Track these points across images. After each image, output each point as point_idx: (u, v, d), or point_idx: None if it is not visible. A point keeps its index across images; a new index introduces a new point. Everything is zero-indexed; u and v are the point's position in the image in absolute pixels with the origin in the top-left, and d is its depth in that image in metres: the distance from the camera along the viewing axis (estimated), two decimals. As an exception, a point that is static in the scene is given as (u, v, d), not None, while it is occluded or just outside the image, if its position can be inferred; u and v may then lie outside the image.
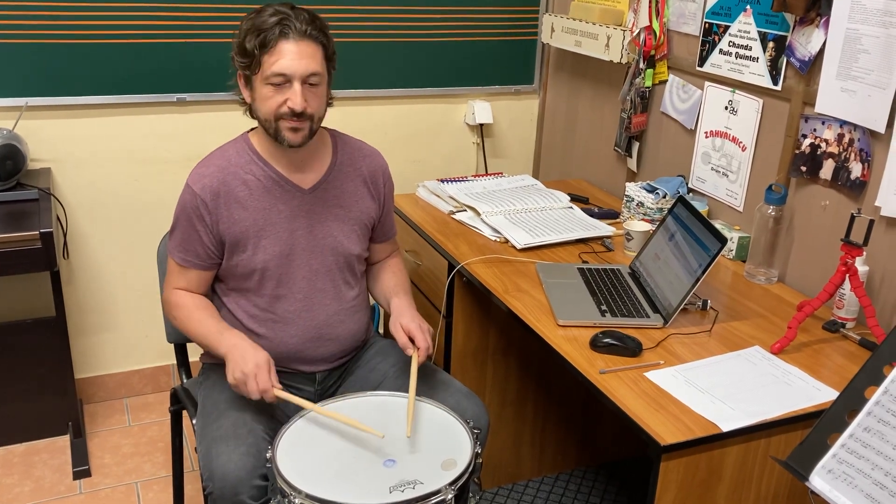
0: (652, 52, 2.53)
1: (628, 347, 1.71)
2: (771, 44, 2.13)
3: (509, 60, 3.14)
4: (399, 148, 3.08)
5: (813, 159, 2.04)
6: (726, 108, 2.31)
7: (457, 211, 2.49)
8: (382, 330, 2.96)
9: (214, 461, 1.63)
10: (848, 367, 1.71)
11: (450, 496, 1.48)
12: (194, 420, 1.87)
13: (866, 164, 1.90)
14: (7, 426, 2.69)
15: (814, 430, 1.18)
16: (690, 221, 1.95)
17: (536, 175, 3.32)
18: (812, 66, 2.02)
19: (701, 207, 2.34)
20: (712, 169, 2.39)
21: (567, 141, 3.11)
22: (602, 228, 2.38)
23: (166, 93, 2.69)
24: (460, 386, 1.88)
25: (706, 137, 2.40)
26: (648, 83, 2.57)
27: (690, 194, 2.45)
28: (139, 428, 2.84)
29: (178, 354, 2.15)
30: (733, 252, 2.24)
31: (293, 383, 1.90)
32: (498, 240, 2.31)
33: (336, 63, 1.81)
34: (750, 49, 2.20)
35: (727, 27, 2.27)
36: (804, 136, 2.06)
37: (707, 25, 2.35)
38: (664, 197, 2.40)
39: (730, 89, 2.30)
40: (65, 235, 2.68)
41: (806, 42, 2.02)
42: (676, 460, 1.45)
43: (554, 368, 2.48)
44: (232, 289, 1.88)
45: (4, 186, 2.44)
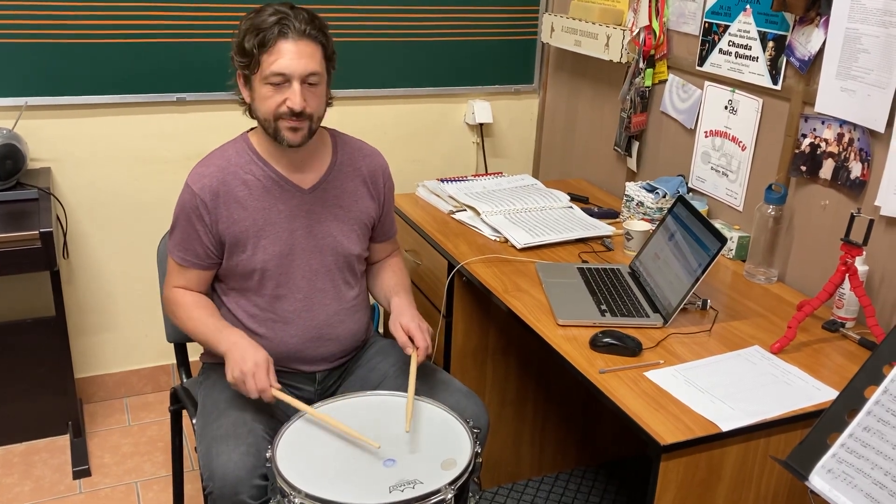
0: (652, 52, 2.53)
1: (628, 347, 1.71)
2: (771, 43, 2.13)
3: (509, 60, 3.14)
4: (399, 147, 3.08)
5: (813, 159, 2.04)
6: (726, 108, 2.31)
7: (457, 210, 2.49)
8: (382, 329, 2.96)
9: (214, 461, 1.63)
10: (847, 367, 1.71)
11: (449, 496, 1.48)
12: (194, 419, 1.87)
13: (866, 164, 1.90)
14: (7, 426, 2.68)
15: (813, 430, 1.19)
16: (690, 221, 1.95)
17: (536, 175, 3.32)
18: (812, 66, 2.02)
19: (701, 207, 2.34)
20: (712, 168, 2.39)
21: (567, 140, 3.11)
22: (602, 228, 2.38)
23: (166, 92, 2.69)
24: (460, 385, 1.88)
25: (706, 137, 2.40)
26: (648, 83, 2.57)
27: (690, 194, 2.45)
28: (139, 427, 2.84)
29: (178, 354, 2.15)
30: (733, 252, 2.24)
31: (293, 383, 1.89)
32: (498, 239, 2.31)
33: (336, 63, 1.81)
34: (750, 48, 2.20)
35: (727, 27, 2.27)
36: (804, 136, 2.06)
37: (707, 25, 2.35)
38: (664, 196, 2.40)
39: (729, 89, 2.30)
40: (65, 235, 2.68)
41: (806, 41, 2.02)
42: (676, 460, 1.45)
43: (554, 368, 2.48)
44: (232, 288, 1.88)
45: (4, 186, 2.44)
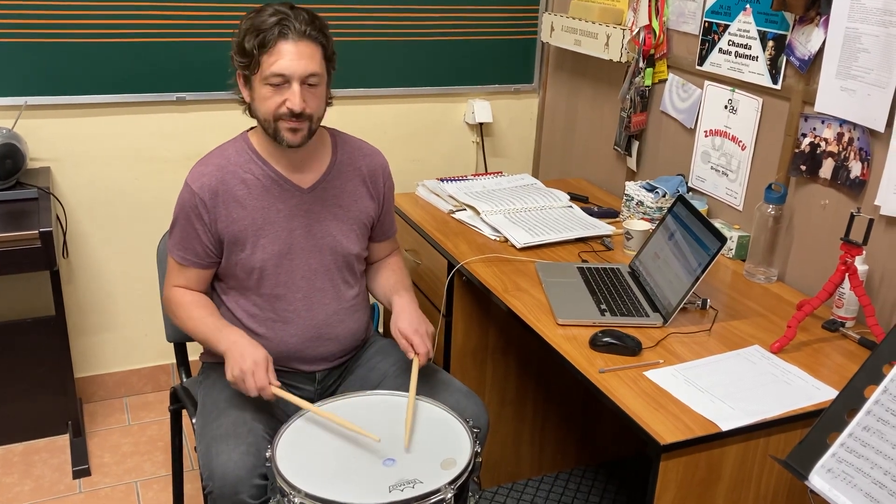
0: (651, 51, 2.53)
1: (628, 346, 1.71)
2: (770, 43, 2.13)
3: (509, 59, 3.14)
4: (399, 147, 3.07)
5: (812, 158, 2.04)
6: (726, 107, 2.31)
7: (456, 210, 2.49)
8: (382, 329, 2.96)
9: (214, 460, 1.63)
10: (847, 367, 1.71)
11: (449, 495, 1.48)
12: (194, 419, 1.86)
13: (866, 163, 1.90)
14: (7, 425, 2.68)
15: (813, 430, 1.19)
16: (690, 220, 1.95)
17: (536, 174, 3.32)
18: (812, 65, 2.02)
19: (700, 206, 2.34)
20: (712, 168, 2.39)
21: (567, 140, 3.11)
22: (601, 227, 2.38)
23: (166, 92, 2.69)
24: (460, 385, 1.88)
25: (706, 136, 2.40)
26: (648, 82, 2.57)
27: (690, 193, 2.45)
28: (139, 427, 2.84)
29: (178, 353, 2.15)
30: (733, 251, 2.24)
31: (293, 382, 1.89)
32: (497, 239, 2.31)
33: (336, 63, 1.81)
34: (749, 48, 2.20)
35: (727, 26, 2.27)
36: (804, 135, 2.06)
37: (707, 24, 2.35)
38: (664, 196, 2.40)
39: (729, 88, 2.30)
40: (64, 235, 2.68)
41: (805, 41, 2.02)
42: (676, 459, 1.45)
43: (553, 367, 2.48)
44: (231, 288, 1.88)
45: (4, 185, 2.44)
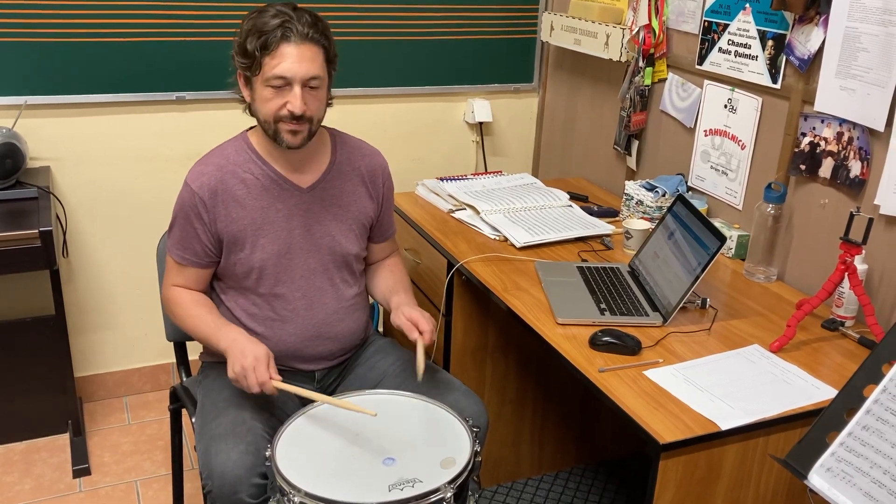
0: (651, 51, 2.53)
1: (627, 346, 1.71)
2: (770, 42, 2.13)
3: (509, 59, 3.14)
4: (398, 146, 3.07)
5: (812, 158, 2.04)
6: (725, 107, 2.31)
7: (456, 209, 2.49)
8: (382, 328, 2.96)
9: (213, 459, 1.63)
10: (847, 366, 1.71)
11: (449, 494, 1.48)
12: (194, 418, 1.87)
13: (865, 163, 1.90)
14: (7, 424, 2.69)
15: (813, 429, 1.19)
16: (690, 220, 1.95)
17: (536, 173, 3.32)
18: (811, 65, 2.02)
19: (700, 206, 2.34)
20: (711, 167, 2.39)
21: (566, 139, 3.11)
22: (601, 227, 2.38)
23: (166, 91, 2.69)
24: (459, 384, 1.88)
25: (705, 136, 2.40)
26: (648, 81, 2.57)
27: (690, 193, 2.45)
28: (139, 426, 2.84)
29: (178, 353, 2.15)
30: (732, 250, 2.24)
31: (292, 382, 1.89)
32: (497, 238, 2.31)
33: (337, 64, 1.81)
34: (749, 47, 2.20)
35: (726, 25, 2.27)
36: (803, 135, 2.06)
37: (706, 24, 2.35)
38: (663, 195, 2.40)
39: (729, 87, 2.30)
40: (64, 234, 2.68)
41: (805, 40, 2.02)
42: (675, 458, 1.45)
43: (553, 367, 2.48)
44: (230, 287, 1.88)
45: (4, 185, 2.44)
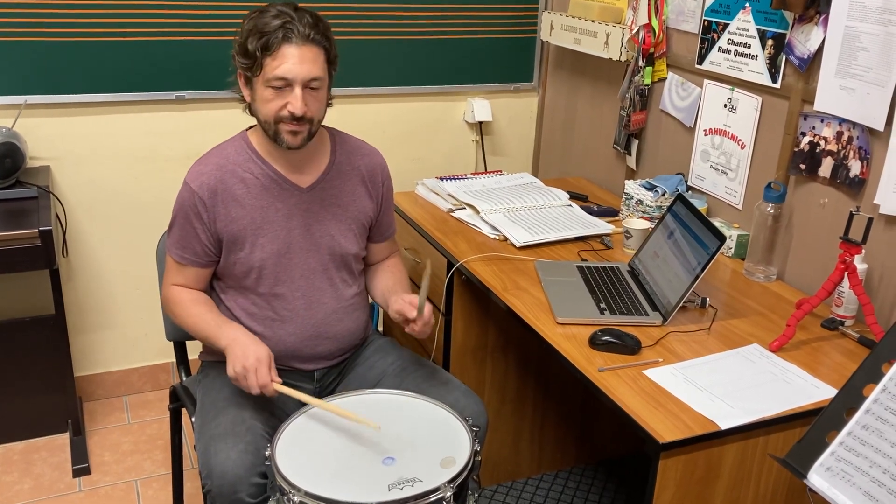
0: (651, 50, 2.53)
1: (627, 345, 1.71)
2: (770, 41, 2.13)
3: (508, 58, 3.14)
4: (398, 146, 3.07)
5: (812, 157, 2.04)
6: (725, 106, 2.31)
7: (456, 209, 2.49)
8: (381, 328, 2.96)
9: (213, 459, 1.63)
10: (846, 365, 1.71)
11: (449, 494, 1.48)
12: (193, 418, 1.87)
13: (865, 162, 1.90)
14: (7, 424, 2.69)
15: (812, 428, 1.19)
16: (689, 219, 1.95)
17: (535, 173, 3.32)
18: (811, 64, 2.02)
19: (700, 205, 2.34)
20: (711, 167, 2.39)
21: (566, 139, 3.11)
22: (601, 226, 2.38)
23: (165, 91, 2.69)
24: (459, 384, 1.88)
25: (705, 135, 2.40)
26: (647, 81, 2.57)
27: (689, 192, 2.45)
28: (139, 426, 2.84)
29: (178, 352, 2.15)
30: (732, 250, 2.24)
31: (292, 381, 1.89)
32: (497, 238, 2.31)
33: (337, 65, 1.80)
34: (749, 47, 2.20)
35: (726, 25, 2.27)
36: (803, 134, 2.06)
37: (706, 23, 2.35)
38: (663, 195, 2.40)
39: (729, 87, 2.30)
40: (64, 233, 2.68)
41: (805, 40, 2.02)
42: (675, 458, 1.45)
43: (553, 366, 2.48)
44: (230, 287, 1.88)
45: (3, 184, 2.44)
